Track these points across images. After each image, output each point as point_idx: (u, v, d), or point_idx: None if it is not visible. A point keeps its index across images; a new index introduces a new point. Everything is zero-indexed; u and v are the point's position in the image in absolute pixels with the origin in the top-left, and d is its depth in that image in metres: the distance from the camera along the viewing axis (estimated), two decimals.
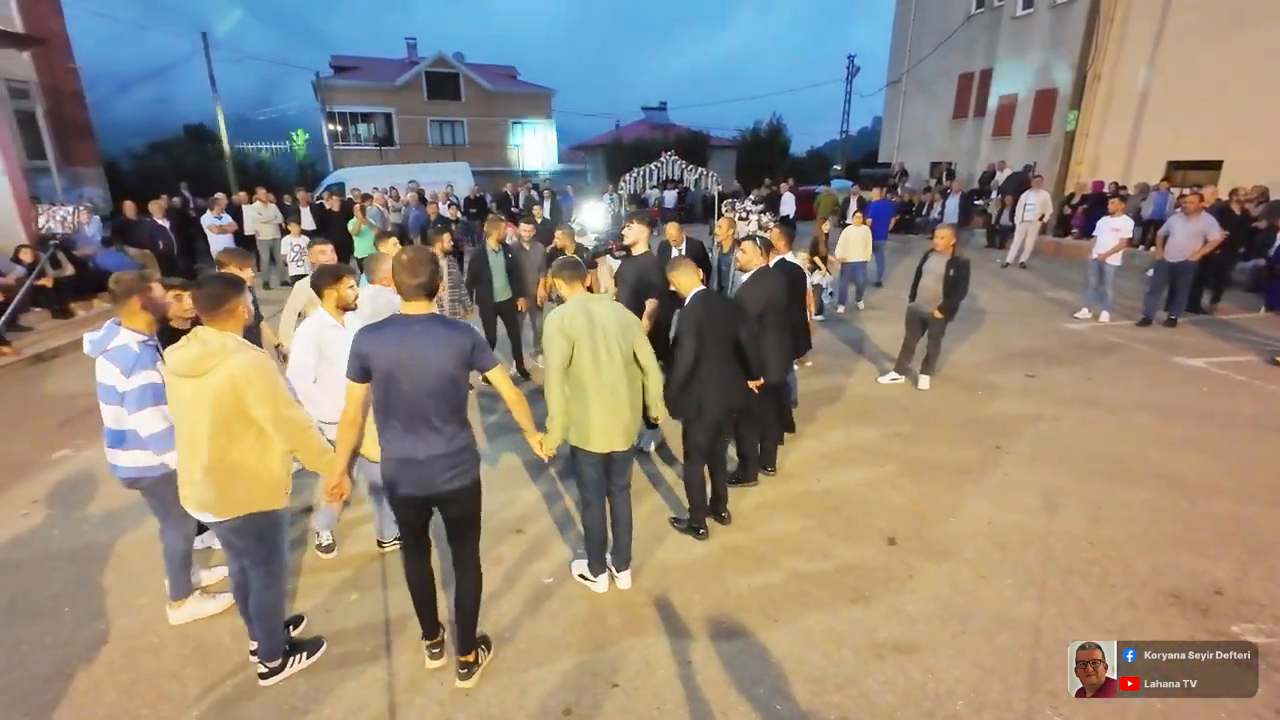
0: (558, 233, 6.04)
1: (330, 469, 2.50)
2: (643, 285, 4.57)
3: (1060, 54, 14.94)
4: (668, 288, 3.88)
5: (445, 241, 5.52)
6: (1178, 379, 6.00)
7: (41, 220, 2.98)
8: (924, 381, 5.87)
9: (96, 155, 16.79)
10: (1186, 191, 8.07)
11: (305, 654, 2.76)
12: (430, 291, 2.37)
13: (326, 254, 4.33)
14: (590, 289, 3.12)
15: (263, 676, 2.65)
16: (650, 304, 4.52)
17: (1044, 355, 6.74)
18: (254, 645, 2.71)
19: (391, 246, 4.54)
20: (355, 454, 2.58)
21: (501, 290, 5.94)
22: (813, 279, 7.81)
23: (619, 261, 5.36)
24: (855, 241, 8.49)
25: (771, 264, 4.38)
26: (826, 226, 8.53)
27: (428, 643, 2.72)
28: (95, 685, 2.69)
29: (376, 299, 3.59)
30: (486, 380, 2.50)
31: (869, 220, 8.86)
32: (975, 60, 18.93)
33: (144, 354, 2.66)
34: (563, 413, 2.85)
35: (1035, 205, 11.34)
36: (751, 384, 3.73)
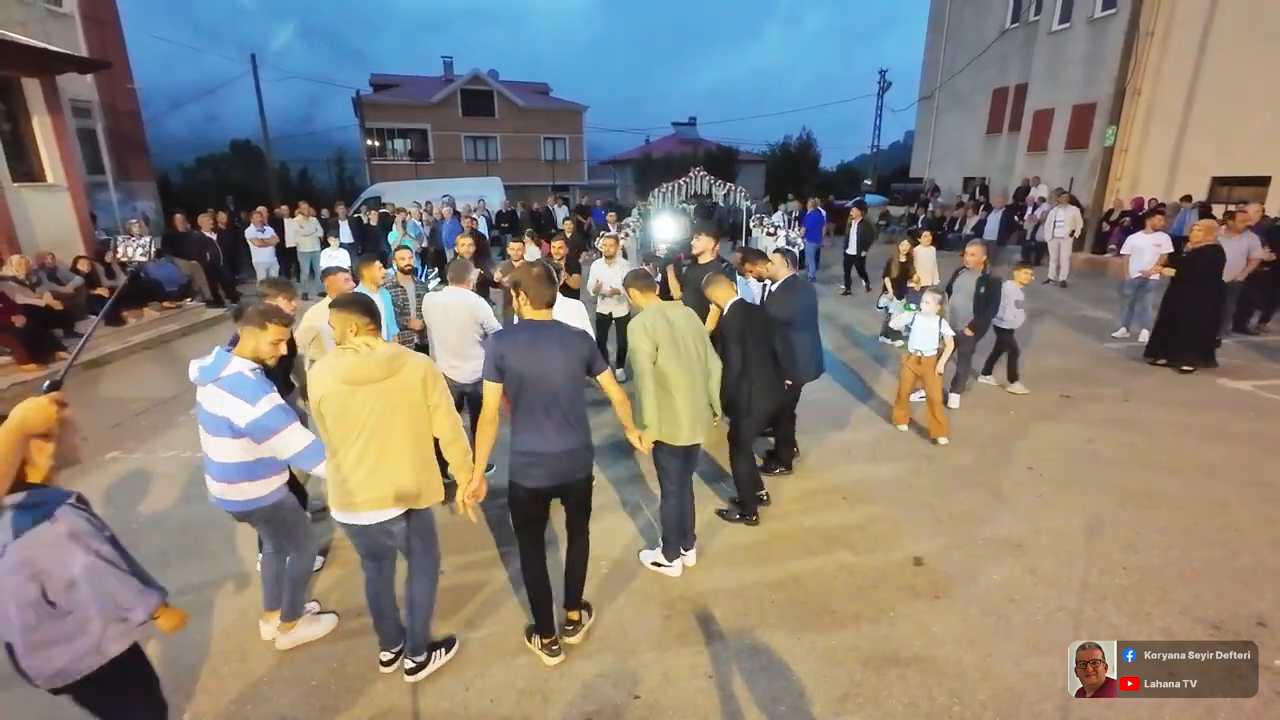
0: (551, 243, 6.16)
1: (469, 471, 2.59)
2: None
3: (1098, 68, 14.68)
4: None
5: (517, 249, 5.81)
6: (1221, 402, 5.80)
7: (121, 250, 3.17)
8: (954, 400, 5.79)
9: (150, 170, 17.61)
10: (1233, 208, 7.85)
11: (444, 650, 2.86)
12: (551, 302, 2.65)
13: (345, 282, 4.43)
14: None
15: (410, 672, 2.74)
16: (713, 309, 4.65)
17: (1079, 375, 6.58)
18: (384, 649, 2.80)
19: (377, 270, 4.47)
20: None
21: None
22: (888, 305, 7.52)
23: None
24: (927, 264, 7.64)
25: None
26: (906, 246, 7.63)
27: (546, 638, 2.85)
28: None
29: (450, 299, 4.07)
30: (596, 383, 2.76)
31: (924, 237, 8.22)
32: (1010, 75, 18.68)
33: (260, 379, 2.56)
34: (654, 409, 3.12)
35: (1065, 221, 11.09)
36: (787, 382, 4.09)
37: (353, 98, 29.59)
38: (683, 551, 3.51)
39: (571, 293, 6.17)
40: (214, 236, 10.68)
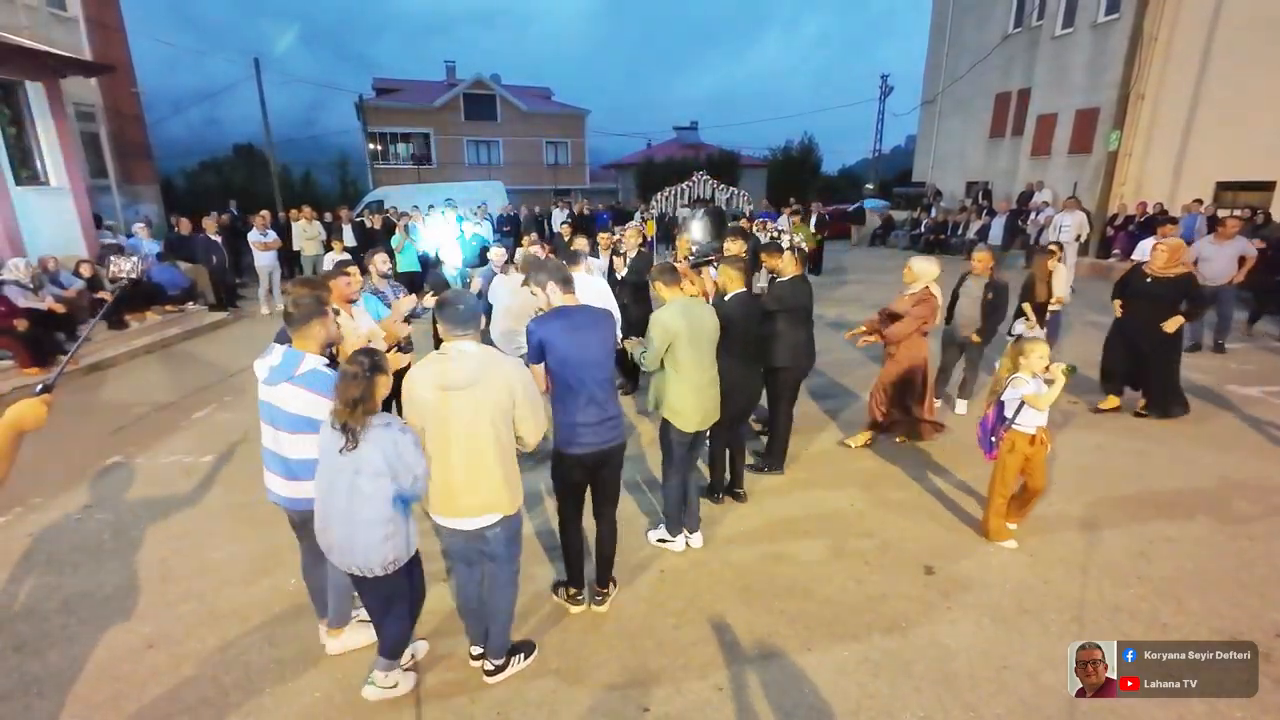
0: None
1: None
2: None
3: (1102, 73, 14.67)
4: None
5: (499, 254, 5.66)
6: (1233, 408, 5.75)
7: (114, 269, 3.19)
8: (961, 406, 5.75)
9: (153, 173, 17.64)
10: (1232, 213, 7.88)
11: (523, 655, 2.85)
12: (573, 288, 2.94)
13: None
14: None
15: (490, 674, 2.74)
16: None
17: (1088, 381, 6.53)
18: (476, 644, 2.82)
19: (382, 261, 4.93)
20: None
21: None
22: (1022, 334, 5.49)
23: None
24: (1062, 279, 6.10)
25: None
26: (1052, 264, 5.87)
27: (575, 590, 3.21)
28: (141, 689, 2.77)
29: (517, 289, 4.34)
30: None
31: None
32: (1013, 79, 18.69)
33: (333, 376, 2.46)
34: (670, 392, 3.43)
35: (1071, 226, 10.87)
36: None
37: (355, 102, 29.68)
38: (687, 532, 3.72)
39: None
40: (219, 239, 10.68)
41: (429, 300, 4.29)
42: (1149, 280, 5.29)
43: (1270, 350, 7.49)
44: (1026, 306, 5.79)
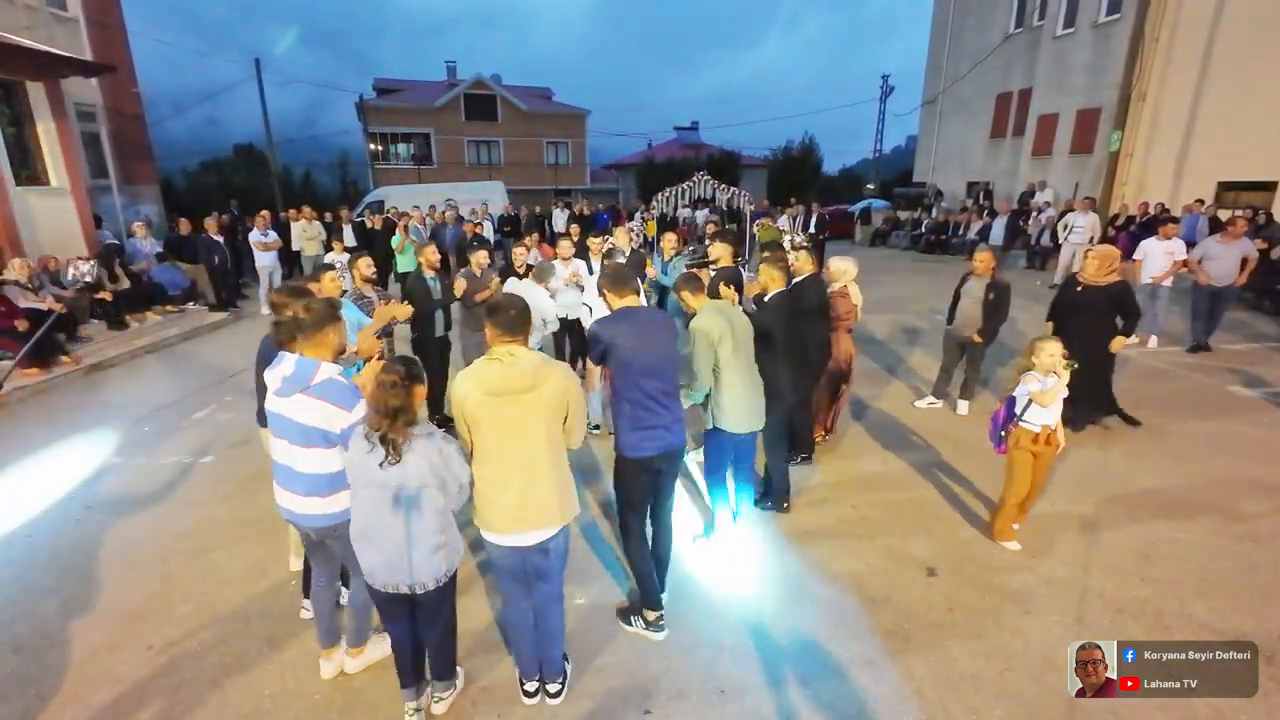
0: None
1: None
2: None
3: (1103, 73, 14.65)
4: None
5: (482, 258, 5.58)
6: (1235, 409, 5.74)
7: (73, 271, 3.20)
8: (963, 407, 5.73)
9: (154, 174, 17.62)
10: (1237, 214, 7.86)
11: (569, 663, 2.80)
12: (637, 290, 2.93)
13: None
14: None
15: (554, 696, 2.64)
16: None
17: None
18: (529, 679, 2.67)
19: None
20: None
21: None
22: None
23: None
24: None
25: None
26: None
27: (654, 613, 3.01)
28: (141, 691, 2.76)
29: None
30: None
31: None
32: (1014, 79, 18.68)
33: (351, 384, 2.42)
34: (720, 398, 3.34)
35: (1085, 228, 10.70)
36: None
37: (356, 102, 29.67)
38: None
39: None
40: (220, 239, 10.67)
41: (404, 311, 4.18)
42: (1079, 289, 5.06)
43: (1271, 351, 7.48)
44: None
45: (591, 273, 5.87)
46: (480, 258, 5.54)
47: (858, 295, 4.97)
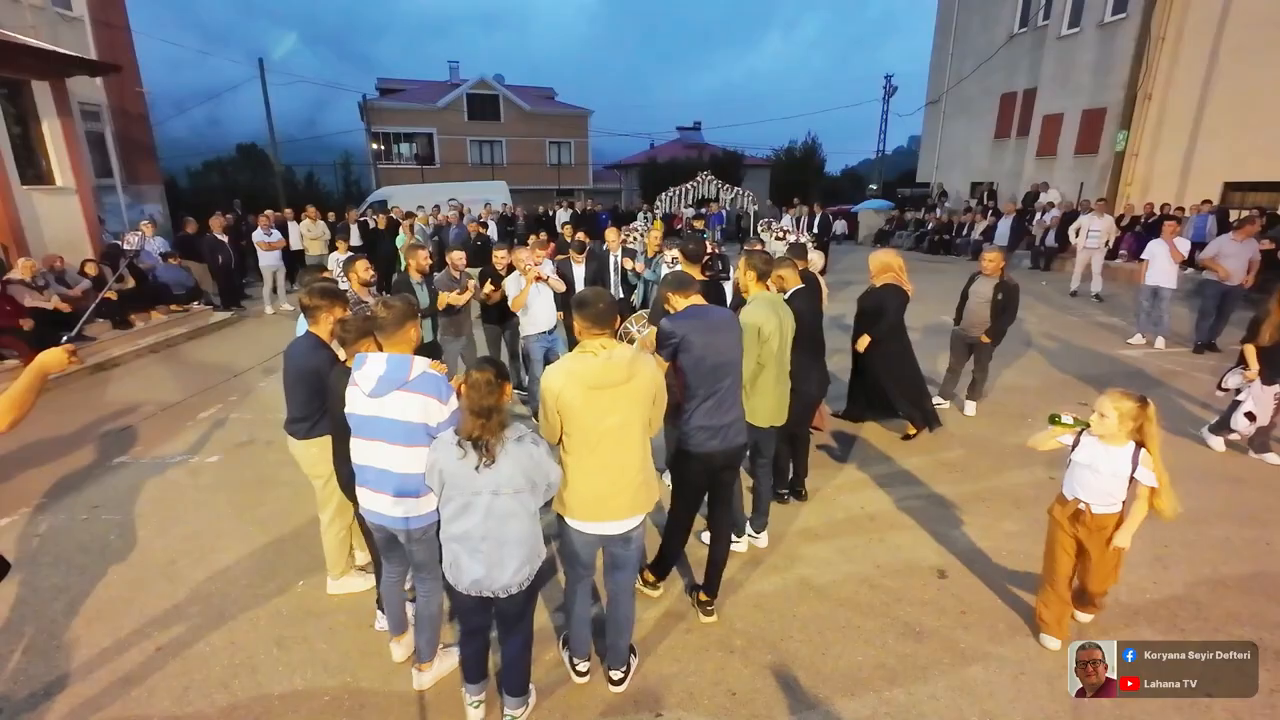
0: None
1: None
2: None
3: (1108, 73, 14.61)
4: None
5: (459, 259, 5.59)
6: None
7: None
8: (970, 408, 5.70)
9: (158, 173, 17.65)
10: (1245, 213, 7.84)
11: (633, 654, 2.83)
12: (698, 289, 2.97)
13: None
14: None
15: (617, 683, 2.70)
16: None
17: (1096, 382, 6.48)
18: (581, 659, 2.74)
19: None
20: None
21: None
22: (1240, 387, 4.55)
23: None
24: None
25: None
26: None
27: (707, 597, 3.12)
28: (149, 692, 2.74)
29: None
30: None
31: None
32: (1018, 79, 18.63)
33: (442, 376, 2.44)
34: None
35: (1100, 231, 10.24)
36: None
37: (359, 102, 29.71)
38: (753, 533, 3.73)
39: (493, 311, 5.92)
40: (225, 239, 10.68)
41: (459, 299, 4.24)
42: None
43: None
44: (1250, 351, 4.43)
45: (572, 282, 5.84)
46: (457, 258, 5.54)
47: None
